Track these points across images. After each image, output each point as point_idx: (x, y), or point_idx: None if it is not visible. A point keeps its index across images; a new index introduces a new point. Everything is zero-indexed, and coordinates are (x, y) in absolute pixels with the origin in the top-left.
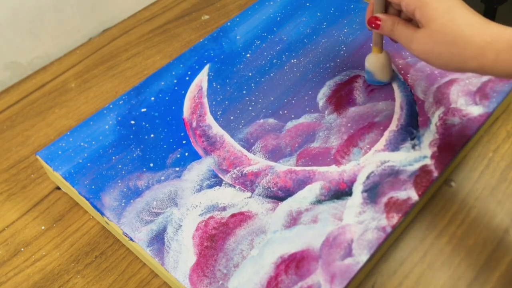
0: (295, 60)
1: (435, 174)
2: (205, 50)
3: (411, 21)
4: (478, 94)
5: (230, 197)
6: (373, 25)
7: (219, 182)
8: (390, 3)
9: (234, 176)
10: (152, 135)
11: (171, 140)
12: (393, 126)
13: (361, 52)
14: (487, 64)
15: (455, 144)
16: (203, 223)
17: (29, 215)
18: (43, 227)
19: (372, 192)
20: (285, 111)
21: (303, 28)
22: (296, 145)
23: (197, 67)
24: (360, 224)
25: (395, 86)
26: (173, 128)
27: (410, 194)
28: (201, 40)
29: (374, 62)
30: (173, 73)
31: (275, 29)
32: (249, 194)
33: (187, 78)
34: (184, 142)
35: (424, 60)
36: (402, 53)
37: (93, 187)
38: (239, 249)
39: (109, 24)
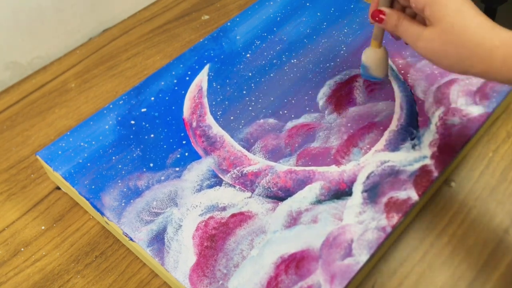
0: (295, 60)
1: (435, 174)
2: (205, 50)
3: (415, 18)
4: (478, 94)
5: (230, 197)
6: (377, 19)
7: (219, 182)
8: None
9: (234, 176)
10: (152, 135)
11: (171, 140)
12: (393, 126)
13: (361, 52)
14: (493, 68)
15: (455, 144)
16: (203, 223)
17: (29, 215)
18: (43, 227)
19: (372, 192)
20: (285, 111)
21: (303, 28)
22: (296, 145)
23: (197, 67)
24: (360, 224)
25: (395, 86)
26: (173, 128)
27: (410, 194)
28: (201, 40)
29: (371, 56)
30: (173, 73)
31: (275, 29)
32: (249, 194)
33: (187, 78)
34: (184, 142)
35: (429, 59)
36: (402, 52)
37: (93, 187)
38: (239, 249)
39: (109, 24)
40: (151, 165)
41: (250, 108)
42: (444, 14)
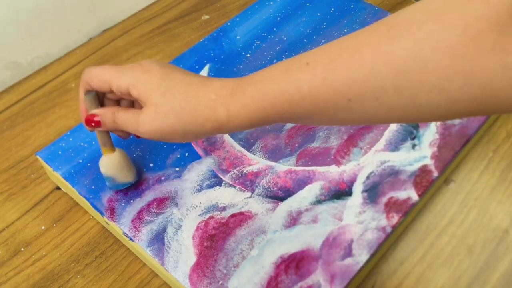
0: None
1: (435, 174)
2: (205, 50)
3: (134, 107)
4: None
5: (230, 197)
6: (93, 124)
7: (219, 182)
8: (105, 96)
9: (234, 176)
10: None
11: None
12: (393, 126)
13: None
14: (223, 122)
15: (455, 144)
16: (203, 223)
17: (29, 215)
18: (43, 227)
19: (372, 192)
20: None
21: (303, 28)
22: (296, 145)
23: (197, 67)
24: (360, 224)
25: None
26: None
27: (410, 194)
28: (201, 40)
29: (110, 165)
30: None
31: (275, 29)
32: (249, 194)
33: None
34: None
35: (160, 140)
36: None
37: (93, 187)
38: (239, 249)
39: (109, 24)
40: (151, 165)
41: None
42: (150, 88)
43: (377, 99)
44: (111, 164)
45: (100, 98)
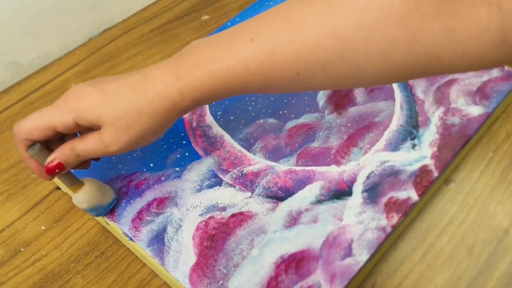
0: None
1: (435, 174)
2: None
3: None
4: (478, 94)
5: (230, 197)
6: (57, 170)
7: (219, 182)
8: (50, 145)
9: (234, 176)
10: None
11: (171, 140)
12: (393, 126)
13: None
14: (180, 104)
15: (455, 144)
16: (203, 223)
17: (29, 215)
18: (43, 227)
19: (372, 192)
20: (285, 111)
21: None
22: (296, 145)
23: None
24: (360, 224)
25: (395, 86)
26: (173, 128)
27: (410, 194)
28: None
29: (89, 196)
30: None
31: None
32: (249, 194)
33: None
34: (184, 142)
35: (134, 148)
36: None
37: None
38: (239, 249)
39: (109, 24)
40: (151, 165)
41: (250, 108)
42: (97, 110)
43: (324, 70)
44: (90, 195)
45: (44, 146)
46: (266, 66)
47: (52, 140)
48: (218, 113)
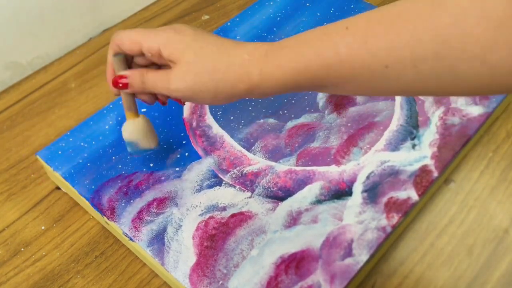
0: None
1: (435, 174)
2: None
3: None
4: None
5: (230, 197)
6: (120, 85)
7: (219, 182)
8: (132, 60)
9: (234, 176)
10: None
11: (171, 140)
12: (393, 126)
13: None
14: (255, 82)
15: (455, 144)
16: (203, 223)
17: (29, 215)
18: (43, 227)
19: (372, 192)
20: (285, 111)
21: (303, 28)
22: (296, 145)
23: None
24: (360, 224)
25: None
26: (173, 128)
27: (410, 194)
28: None
29: (133, 130)
30: None
31: (275, 29)
32: (249, 194)
33: None
34: (184, 142)
35: (190, 99)
36: None
37: (93, 187)
38: (239, 249)
39: (109, 24)
40: (151, 165)
41: (250, 108)
42: (182, 47)
43: (415, 66)
44: (135, 129)
45: (128, 62)
46: (356, 53)
47: (138, 63)
48: (218, 113)
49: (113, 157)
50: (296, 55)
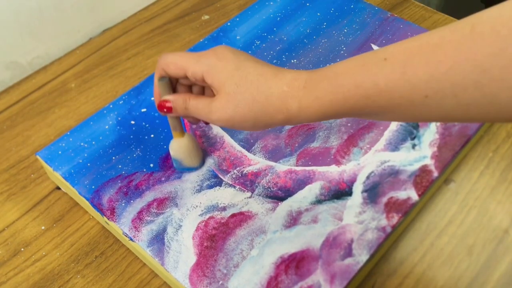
0: (295, 60)
1: (435, 174)
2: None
3: (204, 94)
4: None
5: (230, 197)
6: (165, 110)
7: (219, 183)
8: (178, 82)
9: (234, 176)
10: (152, 135)
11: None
12: (393, 126)
13: (361, 52)
14: (293, 113)
15: (455, 144)
16: (203, 223)
17: (29, 215)
18: (43, 227)
19: (372, 192)
20: None
21: (303, 28)
22: (296, 145)
23: None
24: (360, 224)
25: None
26: None
27: (410, 194)
28: (201, 40)
29: (178, 148)
30: None
31: (275, 29)
32: (249, 194)
33: None
34: None
35: (230, 127)
36: None
37: (93, 187)
38: (239, 249)
39: (109, 24)
40: (151, 165)
41: None
42: (225, 76)
43: (455, 96)
44: (179, 147)
45: (174, 83)
46: (394, 85)
47: (183, 84)
48: None
49: (113, 157)
50: (335, 87)
